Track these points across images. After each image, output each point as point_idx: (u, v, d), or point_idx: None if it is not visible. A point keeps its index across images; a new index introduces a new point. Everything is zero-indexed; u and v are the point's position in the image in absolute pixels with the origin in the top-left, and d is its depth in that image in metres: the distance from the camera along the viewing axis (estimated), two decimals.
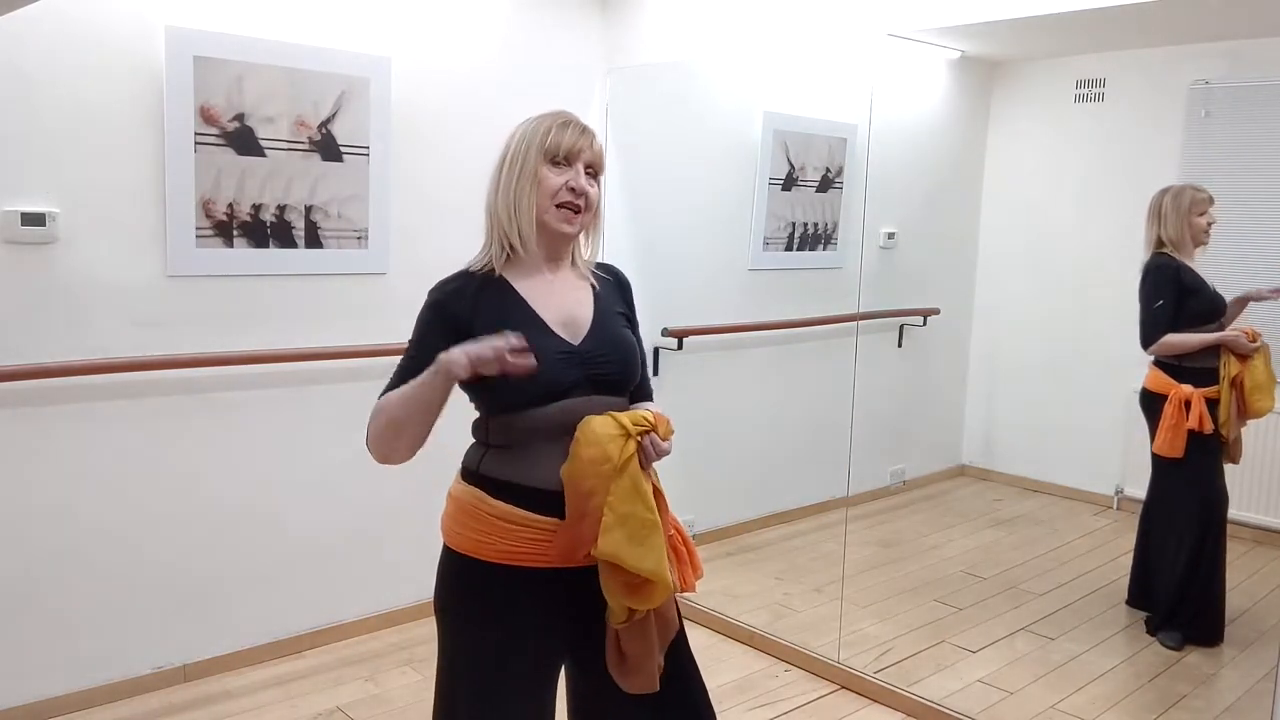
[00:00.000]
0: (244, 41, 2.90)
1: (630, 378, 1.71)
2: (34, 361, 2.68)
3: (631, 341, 1.74)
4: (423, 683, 3.08)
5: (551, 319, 1.65)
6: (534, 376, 1.54)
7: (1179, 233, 3.16)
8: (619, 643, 1.60)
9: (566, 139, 1.65)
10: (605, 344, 1.67)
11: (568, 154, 1.65)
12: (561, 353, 1.62)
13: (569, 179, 1.65)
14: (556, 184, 1.64)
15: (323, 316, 3.20)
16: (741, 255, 4.15)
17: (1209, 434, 3.13)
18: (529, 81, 3.60)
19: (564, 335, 1.65)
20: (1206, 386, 3.14)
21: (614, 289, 1.80)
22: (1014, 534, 4.11)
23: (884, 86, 3.23)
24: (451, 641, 1.70)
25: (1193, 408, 3.13)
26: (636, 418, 1.58)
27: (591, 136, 1.69)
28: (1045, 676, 3.08)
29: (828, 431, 3.57)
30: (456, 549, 1.66)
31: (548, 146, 1.64)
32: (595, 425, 1.55)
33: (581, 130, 1.68)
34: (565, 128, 1.66)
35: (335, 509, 3.29)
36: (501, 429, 1.63)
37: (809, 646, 3.28)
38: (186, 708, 2.91)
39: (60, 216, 2.69)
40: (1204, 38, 3.24)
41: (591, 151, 1.68)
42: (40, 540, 2.77)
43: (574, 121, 1.68)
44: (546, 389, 1.59)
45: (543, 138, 1.65)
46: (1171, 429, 3.17)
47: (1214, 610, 3.25)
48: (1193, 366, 3.17)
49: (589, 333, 1.67)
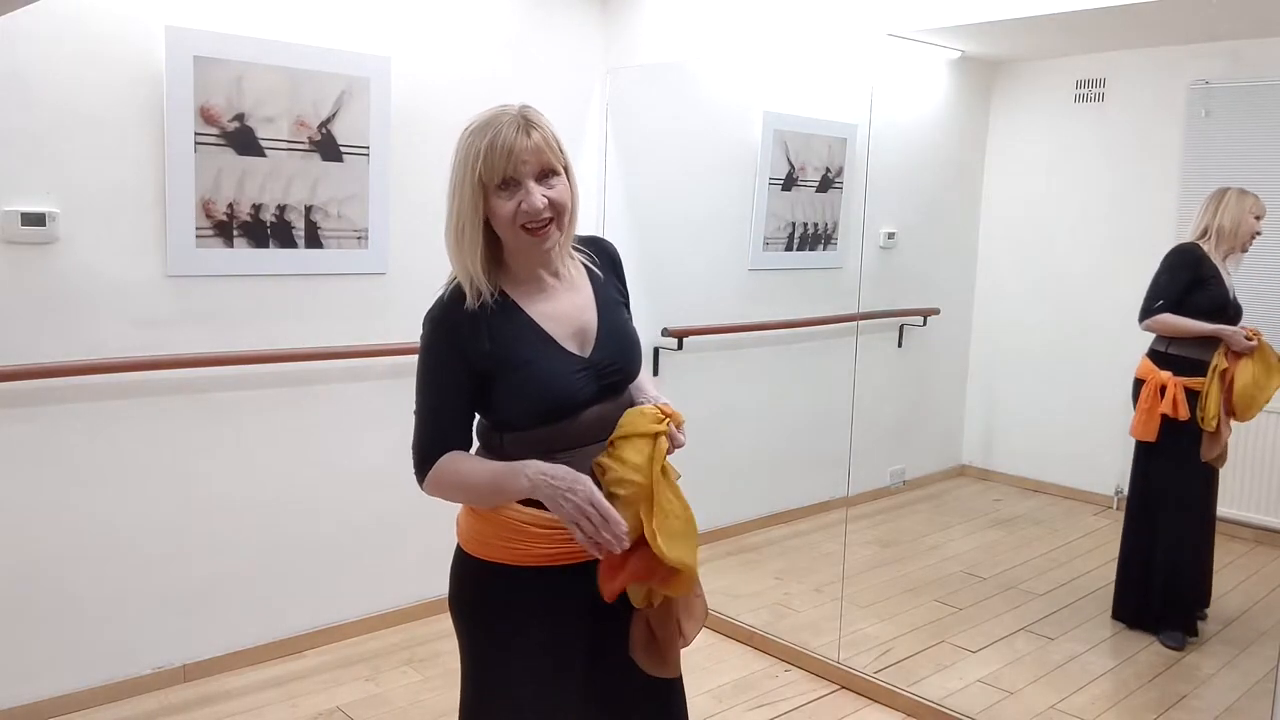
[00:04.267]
0: (244, 41, 2.90)
1: (635, 374, 1.69)
2: (34, 361, 2.68)
3: (635, 336, 1.71)
4: (423, 683, 3.08)
5: (563, 334, 1.59)
6: (555, 396, 1.53)
7: (1235, 224, 3.14)
8: (649, 625, 1.60)
9: (497, 163, 1.49)
10: (614, 351, 1.63)
11: (506, 177, 1.50)
12: (578, 370, 1.58)
13: (520, 200, 1.51)
14: (509, 212, 1.51)
15: (323, 316, 3.20)
16: (741, 255, 4.15)
17: (1185, 422, 3.14)
18: (529, 81, 3.60)
19: (576, 350, 1.59)
20: (1189, 376, 3.15)
21: (608, 271, 1.72)
22: (1014, 534, 4.11)
23: (884, 86, 3.23)
24: (476, 644, 1.65)
25: (1168, 393, 3.14)
26: (656, 417, 1.57)
27: (530, 140, 1.50)
28: (1045, 676, 3.08)
29: (828, 431, 3.57)
30: (481, 556, 1.61)
31: (480, 178, 1.50)
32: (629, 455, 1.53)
33: (510, 149, 1.49)
34: (494, 148, 1.49)
35: (335, 509, 3.29)
36: (517, 443, 1.57)
37: (809, 646, 3.28)
38: (186, 708, 2.91)
39: (60, 216, 2.69)
40: (1204, 38, 3.24)
41: (536, 157, 1.51)
42: (40, 540, 2.77)
43: (501, 138, 1.49)
44: (568, 407, 1.56)
45: (473, 168, 1.50)
46: (1145, 412, 3.20)
47: (1186, 601, 3.27)
48: (1180, 355, 3.18)
49: (598, 341, 1.62)
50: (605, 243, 1.77)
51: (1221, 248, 3.16)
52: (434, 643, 3.34)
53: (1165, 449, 3.22)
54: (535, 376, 1.55)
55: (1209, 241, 3.17)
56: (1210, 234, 3.17)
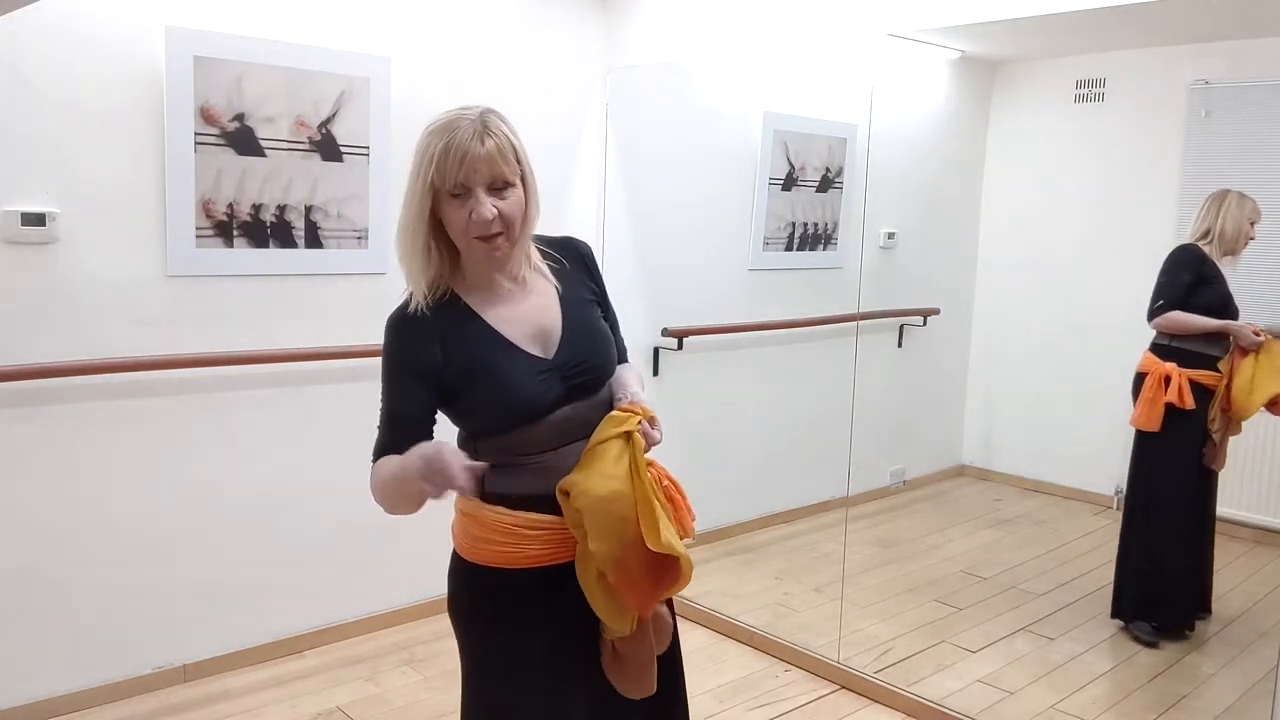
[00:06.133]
0: (244, 41, 2.90)
1: (610, 371, 1.66)
2: (34, 361, 2.68)
3: (605, 333, 1.68)
4: (422, 683, 3.08)
5: (521, 337, 1.57)
6: (517, 400, 1.51)
7: (1235, 228, 3.17)
8: (615, 650, 1.59)
9: (450, 169, 1.46)
10: (580, 350, 1.60)
11: (458, 184, 1.48)
12: (541, 372, 1.55)
13: (470, 208, 1.48)
14: (461, 221, 1.49)
15: (323, 316, 3.20)
16: (741, 255, 4.15)
17: (1189, 412, 3.14)
18: (529, 81, 3.60)
19: (538, 352, 1.57)
20: (1193, 369, 3.16)
21: (577, 270, 1.69)
22: (1014, 534, 4.11)
23: (884, 86, 3.23)
24: (477, 647, 1.64)
25: (1172, 382, 3.16)
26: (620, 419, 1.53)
27: (484, 148, 1.47)
28: (1045, 676, 3.08)
29: (828, 431, 3.57)
30: (476, 561, 1.60)
31: (433, 182, 1.48)
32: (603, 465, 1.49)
33: (463, 156, 1.45)
34: (447, 153, 1.46)
35: (335, 509, 3.29)
36: (491, 450, 1.57)
37: (809, 646, 3.28)
38: (186, 708, 2.91)
39: (60, 216, 2.69)
40: (1204, 38, 3.24)
41: (488, 167, 1.47)
42: (40, 540, 2.77)
43: (456, 143, 1.46)
44: (533, 410, 1.54)
45: (426, 170, 1.48)
46: (1149, 402, 3.20)
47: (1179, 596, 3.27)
48: (1184, 348, 3.19)
49: (562, 342, 1.59)
50: (576, 241, 1.74)
51: (1221, 249, 3.18)
52: (433, 643, 3.34)
53: (1166, 440, 3.22)
54: (495, 381, 1.54)
55: (1211, 243, 3.18)
56: (1213, 235, 3.18)
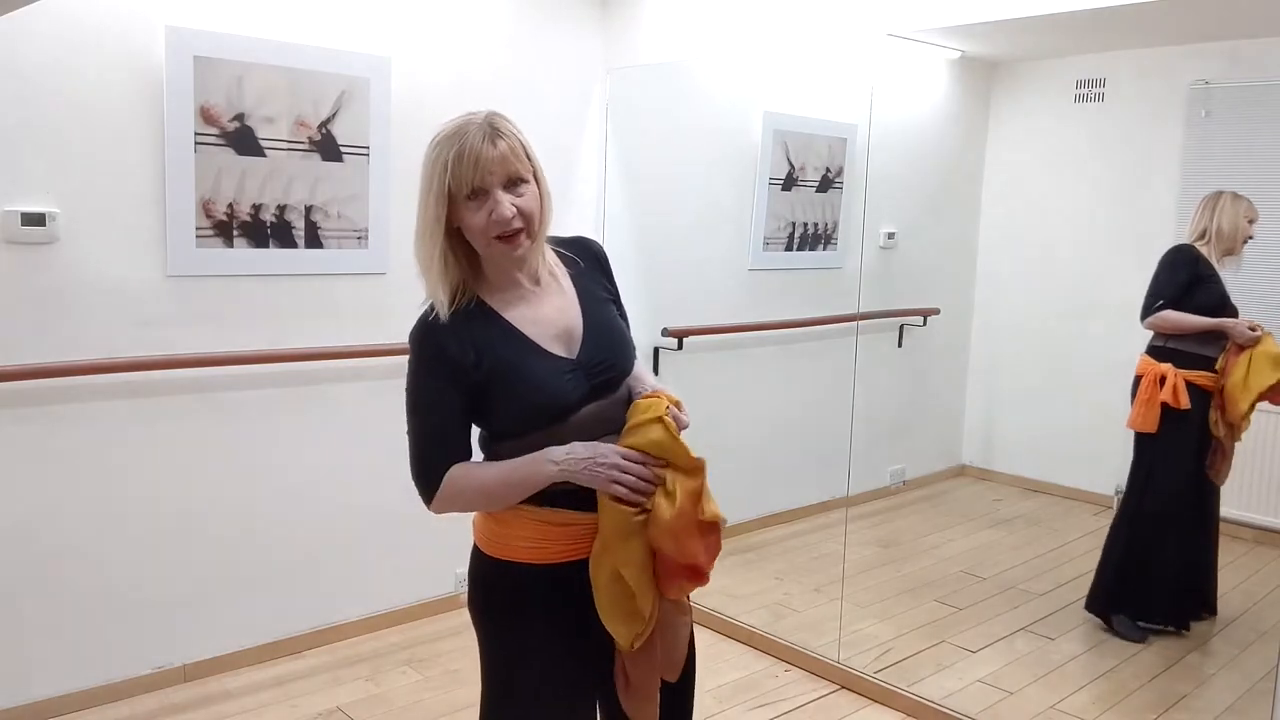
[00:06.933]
0: (244, 41, 2.90)
1: (629, 369, 1.68)
2: (34, 361, 2.68)
3: (623, 331, 1.70)
4: (423, 683, 3.08)
5: (545, 337, 1.59)
6: (546, 400, 1.53)
7: (1232, 228, 3.17)
8: (625, 669, 1.60)
9: (465, 173, 1.48)
10: (602, 349, 1.63)
11: (474, 187, 1.50)
12: (567, 372, 1.57)
13: (490, 209, 1.50)
14: (480, 223, 1.51)
15: (323, 316, 3.20)
16: (741, 255, 4.15)
17: (1186, 414, 3.14)
18: (529, 81, 3.60)
19: (562, 352, 1.59)
20: (1189, 370, 3.16)
21: (592, 270, 1.72)
22: (1014, 534, 4.11)
23: (884, 86, 3.23)
24: (499, 644, 1.65)
25: (1168, 382, 3.15)
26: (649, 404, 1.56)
27: (496, 149, 1.49)
28: (1045, 676, 3.08)
29: (828, 431, 3.57)
30: (501, 556, 1.61)
31: (448, 189, 1.50)
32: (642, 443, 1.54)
33: (476, 159, 1.48)
34: (461, 158, 1.48)
35: (336, 508, 3.29)
36: (514, 449, 1.57)
37: (809, 646, 3.28)
38: (186, 708, 2.91)
39: (60, 216, 2.69)
40: (1204, 38, 3.24)
41: (502, 167, 1.50)
42: (40, 540, 2.77)
43: (467, 148, 1.48)
44: (561, 409, 1.56)
45: (440, 179, 1.50)
46: (1145, 403, 3.20)
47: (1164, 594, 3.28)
48: (1179, 349, 3.19)
49: (584, 340, 1.61)
50: (590, 242, 1.76)
51: (1218, 249, 3.18)
52: (434, 643, 3.34)
53: (1163, 441, 3.22)
54: (523, 382, 1.55)
55: (1207, 242, 3.19)
56: (1209, 235, 3.19)
